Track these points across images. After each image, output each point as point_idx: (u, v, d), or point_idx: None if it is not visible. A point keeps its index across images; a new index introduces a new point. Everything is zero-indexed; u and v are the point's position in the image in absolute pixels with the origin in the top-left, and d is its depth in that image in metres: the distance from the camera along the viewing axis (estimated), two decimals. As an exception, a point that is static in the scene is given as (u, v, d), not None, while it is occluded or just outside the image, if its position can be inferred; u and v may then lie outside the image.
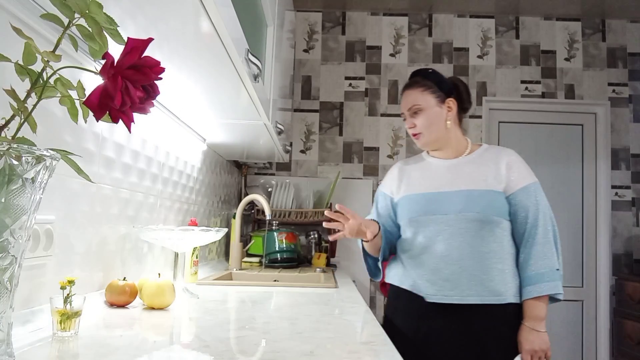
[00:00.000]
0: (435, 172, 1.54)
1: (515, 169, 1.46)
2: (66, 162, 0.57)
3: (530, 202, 1.43)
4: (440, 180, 1.51)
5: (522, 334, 1.40)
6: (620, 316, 3.03)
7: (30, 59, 0.55)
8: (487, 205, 1.41)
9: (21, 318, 0.82)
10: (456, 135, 1.56)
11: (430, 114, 1.50)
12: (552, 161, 3.30)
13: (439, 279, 1.42)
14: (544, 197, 1.46)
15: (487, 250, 1.41)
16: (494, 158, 1.50)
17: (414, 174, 1.58)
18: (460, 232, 1.41)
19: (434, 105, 1.51)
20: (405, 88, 1.57)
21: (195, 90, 1.34)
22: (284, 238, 2.53)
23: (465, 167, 1.51)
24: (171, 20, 0.89)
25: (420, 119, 1.51)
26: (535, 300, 1.40)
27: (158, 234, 1.25)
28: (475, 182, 1.46)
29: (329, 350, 0.81)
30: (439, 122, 1.51)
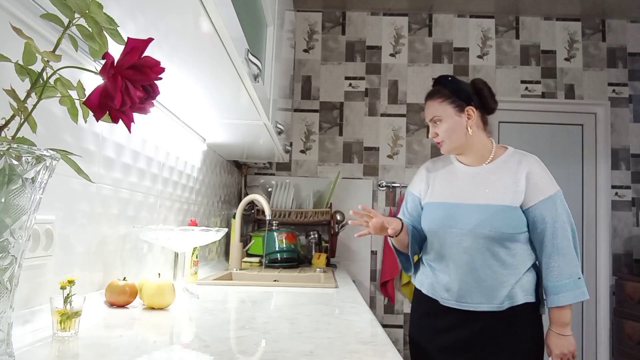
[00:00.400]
0: (458, 180, 1.58)
1: (534, 181, 1.48)
2: (66, 162, 0.57)
3: (548, 214, 1.45)
4: (462, 190, 1.55)
5: (551, 339, 1.48)
6: (620, 316, 3.03)
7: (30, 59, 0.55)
8: (501, 223, 1.45)
9: (21, 318, 0.82)
10: (480, 140, 1.57)
11: (450, 123, 1.53)
12: (552, 161, 3.30)
13: (452, 288, 1.50)
14: (563, 206, 1.48)
15: (499, 264, 1.46)
16: (516, 167, 1.51)
17: (439, 178, 1.62)
18: (474, 246, 1.47)
19: (453, 114, 1.53)
20: (426, 98, 1.60)
21: (195, 90, 1.34)
22: (284, 238, 2.53)
23: (487, 177, 1.54)
24: (171, 20, 0.89)
25: (441, 128, 1.54)
26: (560, 309, 1.45)
27: (158, 234, 1.25)
28: (494, 195, 1.49)
29: (329, 350, 0.81)
30: (459, 130, 1.54)
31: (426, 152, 3.25)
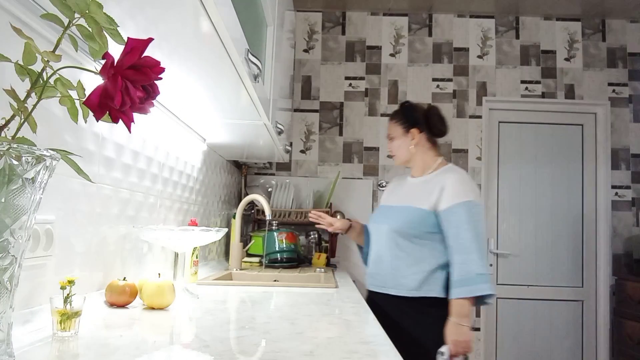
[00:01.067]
0: (403, 188, 1.92)
1: (446, 191, 1.72)
2: (66, 162, 0.57)
3: (453, 219, 1.68)
4: (400, 196, 1.89)
5: (448, 327, 1.65)
6: (620, 316, 3.03)
7: (30, 59, 0.55)
8: (408, 220, 1.76)
9: (21, 318, 0.82)
10: (422, 156, 1.88)
11: (398, 140, 1.89)
12: (552, 161, 3.30)
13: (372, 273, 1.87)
14: (471, 214, 1.68)
15: (402, 255, 1.75)
16: (440, 180, 1.77)
17: (395, 187, 1.99)
18: (386, 239, 1.79)
19: (401, 134, 1.88)
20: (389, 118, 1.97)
21: (195, 90, 1.34)
22: (284, 238, 2.53)
23: (418, 186, 1.85)
24: (171, 20, 0.89)
25: (392, 144, 1.92)
26: (458, 300, 1.64)
27: (158, 234, 1.25)
28: (415, 200, 1.79)
29: (329, 350, 0.81)
30: (404, 147, 1.88)
31: (426, 152, 3.25)
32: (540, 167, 3.29)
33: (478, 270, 1.61)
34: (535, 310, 3.21)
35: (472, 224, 1.66)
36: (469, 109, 3.29)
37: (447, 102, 3.29)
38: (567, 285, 3.23)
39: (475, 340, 3.15)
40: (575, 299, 3.22)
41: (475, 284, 1.60)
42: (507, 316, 3.21)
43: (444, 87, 3.30)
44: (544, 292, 3.22)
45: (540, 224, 3.27)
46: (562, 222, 3.27)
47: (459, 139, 3.26)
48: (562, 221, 3.27)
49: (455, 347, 1.63)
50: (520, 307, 3.22)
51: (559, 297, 3.21)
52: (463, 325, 1.63)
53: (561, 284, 3.23)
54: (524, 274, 3.24)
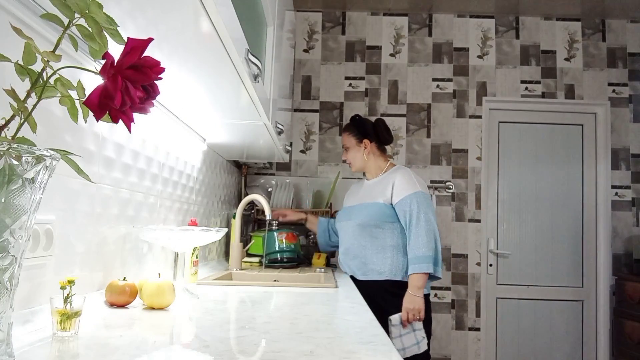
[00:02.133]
0: (360, 190, 2.27)
1: (397, 185, 2.08)
2: (66, 162, 0.57)
3: (405, 209, 2.03)
4: (357, 197, 2.24)
5: (405, 297, 2.00)
6: (620, 316, 3.04)
7: (30, 59, 0.55)
8: (368, 214, 2.11)
9: (21, 318, 0.82)
10: (375, 162, 2.23)
11: (353, 150, 2.24)
12: (552, 161, 3.30)
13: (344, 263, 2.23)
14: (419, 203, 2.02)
15: (368, 244, 2.11)
16: (388, 178, 2.14)
17: (353, 191, 2.34)
18: (352, 233, 2.16)
19: (354, 144, 2.23)
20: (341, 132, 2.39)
21: (195, 90, 1.34)
22: (284, 238, 2.53)
23: (373, 186, 2.20)
24: (171, 20, 0.89)
25: (349, 154, 2.26)
26: (412, 275, 2.00)
27: (158, 234, 1.25)
28: (371, 197, 2.15)
29: (329, 350, 0.81)
30: (358, 156, 2.23)
31: (426, 152, 3.25)
32: (540, 167, 3.29)
33: (426, 251, 1.97)
34: (535, 310, 3.21)
35: (420, 211, 2.01)
36: (469, 109, 3.29)
37: (447, 102, 3.29)
38: (567, 285, 3.23)
39: (475, 340, 3.15)
40: (575, 299, 3.22)
41: (424, 262, 1.96)
42: (507, 316, 3.21)
43: (444, 87, 3.30)
44: (544, 292, 3.22)
45: (540, 224, 3.27)
46: (562, 222, 3.27)
47: (459, 139, 3.26)
48: (562, 221, 3.27)
49: (407, 314, 1.98)
50: (520, 307, 3.22)
51: (559, 297, 3.21)
52: (416, 295, 1.98)
53: (561, 284, 3.23)
54: (524, 274, 3.24)
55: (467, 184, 3.23)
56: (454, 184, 3.23)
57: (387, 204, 2.08)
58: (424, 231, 1.99)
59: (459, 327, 3.15)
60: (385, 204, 2.08)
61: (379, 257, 2.08)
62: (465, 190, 3.23)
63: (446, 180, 3.23)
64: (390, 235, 2.08)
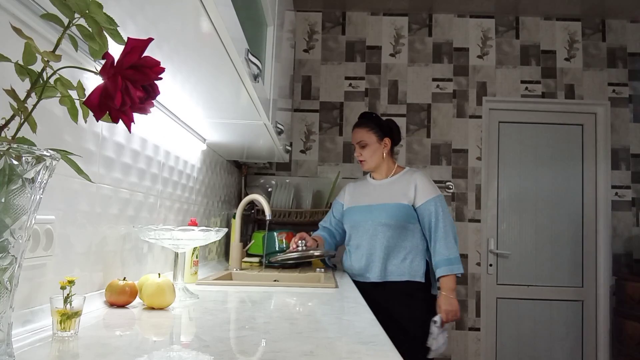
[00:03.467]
0: (370, 190, 2.20)
1: (419, 188, 2.08)
2: (66, 162, 0.57)
3: (431, 211, 2.04)
4: (372, 196, 2.17)
5: (441, 300, 2.01)
6: (620, 316, 3.03)
7: (30, 59, 0.55)
8: (394, 214, 2.06)
9: (21, 318, 0.82)
10: (387, 162, 2.20)
11: (372, 148, 2.15)
12: (552, 161, 3.30)
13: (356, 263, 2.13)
14: (444, 206, 2.07)
15: (392, 244, 2.06)
16: (407, 179, 2.13)
17: (358, 190, 2.25)
18: (373, 234, 2.08)
19: (375, 142, 2.15)
20: (355, 126, 2.20)
21: (195, 90, 1.34)
22: (284, 238, 2.53)
23: (388, 186, 2.16)
24: (171, 20, 0.89)
25: (365, 151, 2.16)
26: (445, 277, 2.01)
27: (158, 234, 1.25)
28: (391, 197, 2.11)
29: (329, 350, 0.81)
30: (378, 154, 2.16)
31: (426, 152, 3.25)
32: (540, 167, 3.29)
33: (456, 253, 2.00)
34: (535, 310, 3.21)
35: (445, 214, 2.04)
36: (469, 109, 3.29)
37: (447, 102, 3.29)
38: (567, 285, 3.23)
39: (475, 340, 3.14)
40: (575, 299, 3.22)
41: (456, 264, 1.98)
42: (507, 316, 3.21)
43: (444, 87, 3.30)
44: (544, 292, 3.22)
45: (540, 224, 3.27)
46: (562, 222, 3.27)
47: (459, 139, 3.26)
48: (562, 221, 3.27)
49: (446, 316, 1.98)
50: (520, 307, 3.22)
51: (559, 297, 3.21)
52: (451, 297, 2.00)
53: (561, 284, 3.23)
54: (524, 274, 3.24)
55: (467, 184, 3.23)
56: (454, 184, 3.23)
57: (410, 205, 2.07)
58: (451, 233, 2.01)
59: (459, 327, 3.15)
60: (409, 205, 2.06)
61: (400, 258, 2.05)
62: (465, 190, 3.23)
63: (446, 180, 3.23)
64: (411, 237, 2.07)
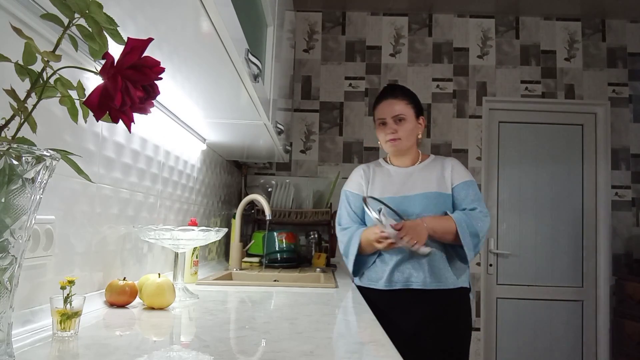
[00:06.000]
0: (396, 179, 1.81)
1: (456, 170, 1.78)
2: (66, 162, 0.57)
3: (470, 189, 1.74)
4: (401, 185, 1.78)
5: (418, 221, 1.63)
6: (620, 316, 3.03)
7: (30, 59, 0.55)
8: (441, 204, 1.72)
9: (21, 318, 0.82)
10: (416, 147, 1.86)
11: (410, 124, 1.77)
12: (552, 161, 3.30)
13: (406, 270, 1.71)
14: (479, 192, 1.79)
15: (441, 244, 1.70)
16: (440, 165, 1.81)
17: (377, 179, 1.83)
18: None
19: (414, 119, 1.79)
20: (387, 97, 1.80)
21: (195, 90, 1.33)
22: (284, 238, 2.53)
23: (419, 173, 1.80)
24: (171, 20, 0.89)
25: (402, 127, 1.76)
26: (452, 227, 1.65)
27: (158, 234, 1.25)
28: (429, 185, 1.75)
29: (329, 350, 0.81)
30: (414, 134, 1.80)
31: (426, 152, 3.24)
32: (540, 167, 3.29)
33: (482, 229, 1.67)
34: (535, 310, 3.21)
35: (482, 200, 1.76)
36: (469, 109, 3.29)
37: (447, 102, 3.29)
38: (567, 285, 3.23)
39: (475, 340, 3.14)
40: (575, 299, 3.22)
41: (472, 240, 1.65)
42: (507, 316, 3.21)
43: (444, 87, 3.30)
44: (544, 292, 3.21)
45: (540, 224, 3.26)
46: (562, 222, 3.27)
47: (459, 139, 3.26)
48: (562, 221, 3.27)
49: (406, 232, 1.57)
50: (520, 307, 3.22)
51: (559, 297, 3.21)
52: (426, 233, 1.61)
53: (561, 284, 3.23)
54: (524, 273, 3.24)
55: (467, 184, 3.23)
56: (454, 184, 3.22)
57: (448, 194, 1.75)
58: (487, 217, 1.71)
59: (459, 327, 3.15)
60: (448, 194, 1.74)
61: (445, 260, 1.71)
62: (465, 190, 3.23)
63: (446, 180, 3.22)
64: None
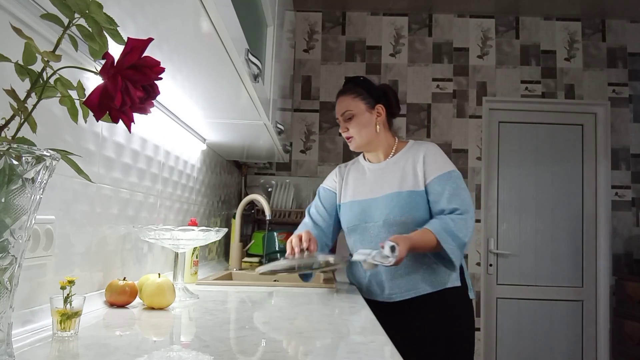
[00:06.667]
0: (367, 178, 1.67)
1: (430, 160, 1.56)
2: (66, 162, 0.57)
3: (447, 184, 1.51)
4: (370, 186, 1.64)
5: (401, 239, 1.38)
6: (620, 316, 3.03)
7: (30, 59, 0.55)
8: (409, 207, 1.53)
9: (21, 318, 0.82)
10: (385, 138, 1.67)
11: (361, 119, 1.62)
12: (552, 161, 3.30)
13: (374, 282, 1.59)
14: (461, 181, 1.55)
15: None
16: (413, 155, 1.60)
17: (351, 178, 1.72)
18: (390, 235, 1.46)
19: (364, 111, 1.62)
20: (339, 94, 1.70)
21: (195, 90, 1.34)
22: (284, 238, 2.53)
23: (390, 169, 1.63)
24: (171, 20, 0.89)
25: (352, 123, 1.62)
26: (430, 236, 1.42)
27: (158, 234, 1.25)
28: (398, 183, 1.57)
29: (329, 350, 0.81)
30: (369, 126, 1.62)
31: (426, 152, 3.25)
32: (540, 167, 3.29)
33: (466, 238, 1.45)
34: (535, 310, 3.21)
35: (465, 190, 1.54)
36: (469, 109, 3.29)
37: (447, 102, 3.29)
38: (567, 285, 3.23)
39: (475, 340, 3.14)
40: (575, 299, 3.22)
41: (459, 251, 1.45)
42: (507, 316, 3.21)
43: (444, 87, 3.30)
44: (544, 292, 3.22)
45: (540, 224, 3.26)
46: (562, 222, 3.27)
47: (459, 139, 3.26)
48: (562, 221, 3.27)
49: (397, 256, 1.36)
50: (520, 307, 3.22)
51: (559, 297, 3.21)
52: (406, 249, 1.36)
53: (561, 284, 3.23)
54: (524, 274, 3.24)
55: (467, 184, 3.23)
56: (454, 184, 3.22)
57: (422, 192, 1.54)
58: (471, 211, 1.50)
59: (459, 327, 3.15)
60: (421, 191, 1.54)
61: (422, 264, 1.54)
62: (465, 190, 3.23)
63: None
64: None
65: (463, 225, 1.46)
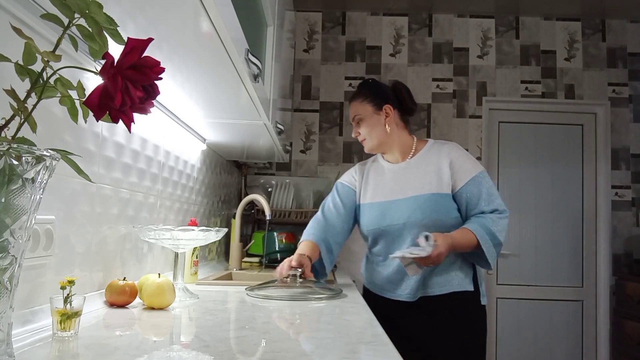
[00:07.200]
0: (386, 178, 1.67)
1: (458, 165, 1.57)
2: (66, 162, 0.57)
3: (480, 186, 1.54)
4: (391, 187, 1.63)
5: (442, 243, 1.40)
6: (620, 316, 3.03)
7: (30, 59, 0.55)
8: (432, 209, 1.53)
9: (21, 318, 0.82)
10: (400, 137, 1.67)
11: (369, 121, 1.65)
12: (552, 161, 3.30)
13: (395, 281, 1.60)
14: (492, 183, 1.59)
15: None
16: (437, 157, 1.61)
17: (371, 178, 1.71)
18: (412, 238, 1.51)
19: (372, 113, 1.65)
20: (350, 100, 1.73)
21: (195, 90, 1.34)
22: (284, 238, 2.53)
23: (412, 171, 1.63)
24: (171, 20, 0.89)
25: (362, 127, 1.66)
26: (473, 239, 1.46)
27: (158, 234, 1.25)
28: (421, 186, 1.58)
29: (329, 350, 0.81)
30: (378, 127, 1.64)
31: (426, 152, 3.25)
32: (540, 167, 3.29)
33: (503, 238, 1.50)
34: (535, 310, 3.21)
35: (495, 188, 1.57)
36: (469, 109, 3.29)
37: (447, 102, 3.29)
38: (567, 285, 3.23)
39: (475, 340, 3.14)
40: (575, 299, 3.22)
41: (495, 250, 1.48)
42: (507, 316, 3.21)
43: (444, 87, 3.30)
44: (544, 292, 3.22)
45: (540, 224, 3.26)
46: (562, 222, 3.27)
47: (459, 139, 3.25)
48: (562, 221, 3.27)
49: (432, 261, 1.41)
50: (520, 307, 3.22)
51: (559, 297, 3.21)
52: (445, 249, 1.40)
53: (561, 284, 3.23)
54: (524, 274, 3.24)
55: (467, 184, 3.23)
56: (454, 184, 3.22)
57: (448, 194, 1.55)
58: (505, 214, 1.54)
59: (459, 327, 3.15)
60: (447, 194, 1.55)
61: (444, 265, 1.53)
62: (465, 190, 3.23)
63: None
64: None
65: (502, 225, 1.50)
